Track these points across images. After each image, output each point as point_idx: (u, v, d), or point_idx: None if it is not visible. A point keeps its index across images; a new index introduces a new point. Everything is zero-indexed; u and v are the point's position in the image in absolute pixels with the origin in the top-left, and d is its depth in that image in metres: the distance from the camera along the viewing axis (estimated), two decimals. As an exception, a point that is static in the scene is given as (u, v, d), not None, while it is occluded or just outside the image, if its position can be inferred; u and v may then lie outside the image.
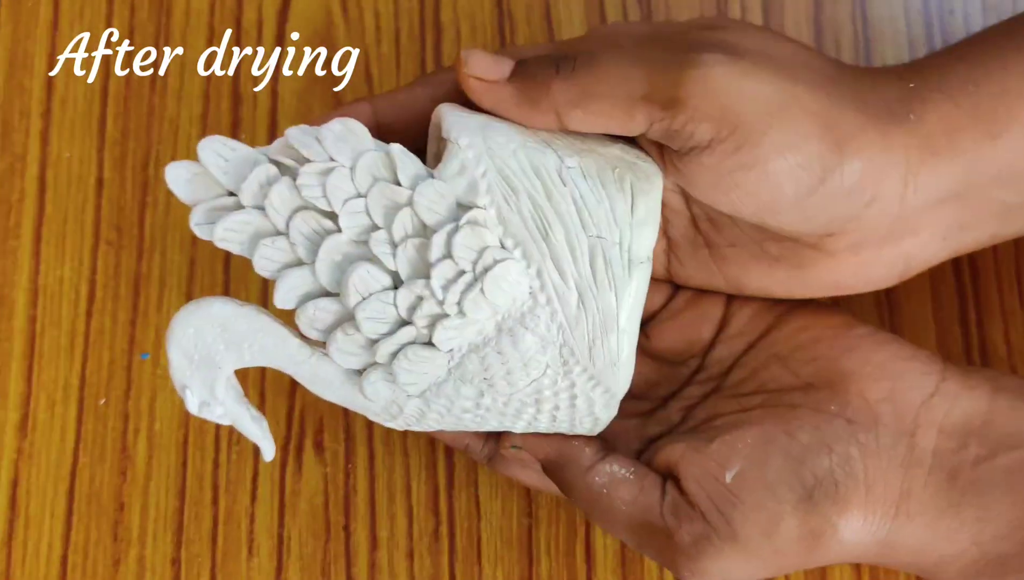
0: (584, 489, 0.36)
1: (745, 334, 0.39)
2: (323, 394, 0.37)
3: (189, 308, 0.36)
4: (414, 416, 0.37)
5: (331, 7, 0.48)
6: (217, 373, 0.36)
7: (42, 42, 0.48)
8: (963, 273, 0.44)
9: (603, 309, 0.35)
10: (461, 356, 0.35)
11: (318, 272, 0.35)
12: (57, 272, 0.45)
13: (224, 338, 0.36)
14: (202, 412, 0.37)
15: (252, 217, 0.35)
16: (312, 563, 0.42)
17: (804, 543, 0.34)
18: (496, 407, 0.36)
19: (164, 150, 0.46)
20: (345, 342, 0.35)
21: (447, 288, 0.34)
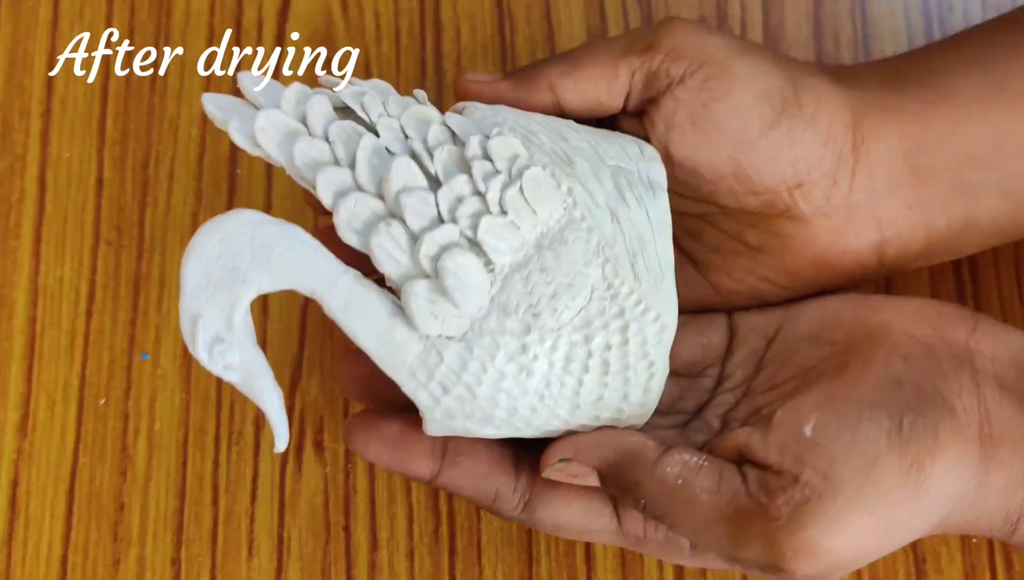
0: (657, 485, 0.34)
1: (759, 330, 0.38)
2: (355, 326, 0.33)
3: (215, 218, 0.34)
4: (453, 370, 0.34)
5: (331, 7, 0.48)
6: (240, 292, 0.33)
7: (42, 42, 0.48)
8: (962, 268, 0.44)
9: (637, 225, 0.35)
10: (503, 279, 0.34)
11: (357, 169, 0.34)
12: (57, 272, 0.45)
13: (253, 246, 0.33)
14: (212, 355, 0.33)
15: (291, 121, 0.34)
16: (312, 563, 0.42)
17: (909, 480, 0.32)
18: (543, 352, 0.34)
19: (164, 150, 0.46)
20: (386, 236, 0.33)
21: (487, 181, 0.34)
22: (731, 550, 0.34)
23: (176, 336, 0.44)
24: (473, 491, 0.36)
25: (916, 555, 0.41)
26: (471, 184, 0.34)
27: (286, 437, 0.34)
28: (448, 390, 0.34)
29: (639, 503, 0.34)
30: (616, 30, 0.47)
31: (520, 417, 0.35)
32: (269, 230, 0.34)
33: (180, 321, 0.33)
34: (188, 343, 0.33)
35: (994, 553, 0.41)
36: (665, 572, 0.42)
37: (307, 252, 0.34)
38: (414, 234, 0.33)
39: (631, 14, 0.48)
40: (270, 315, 0.45)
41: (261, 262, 0.33)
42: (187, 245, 0.34)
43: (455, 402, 0.34)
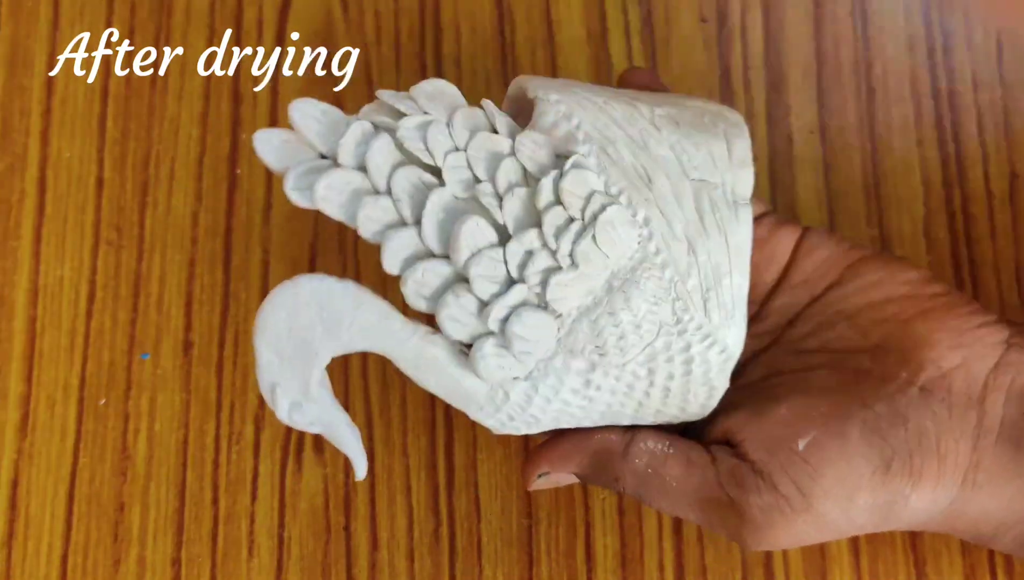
0: (630, 475, 0.35)
1: (810, 284, 0.37)
2: (426, 379, 0.34)
3: (279, 290, 0.33)
4: (519, 404, 0.34)
5: (331, 7, 0.48)
6: (313, 363, 0.33)
7: (42, 42, 0.48)
8: (962, 269, 0.44)
9: (714, 256, 0.34)
10: (571, 322, 0.34)
11: (424, 230, 0.33)
12: (57, 272, 0.45)
13: (322, 318, 0.33)
14: (293, 417, 0.34)
15: (352, 176, 0.34)
16: (312, 563, 0.42)
17: (876, 514, 0.34)
18: (607, 384, 0.34)
19: (164, 150, 0.46)
20: (455, 306, 0.33)
21: (559, 236, 0.33)
22: (703, 524, 0.35)
23: (176, 336, 0.44)
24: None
25: (916, 557, 0.41)
26: (541, 237, 0.33)
27: (364, 471, 0.36)
28: (514, 419, 0.35)
29: (624, 494, 0.36)
30: (616, 30, 0.47)
31: (584, 426, 0.36)
32: (335, 302, 0.33)
33: (260, 387, 0.34)
34: (269, 405, 0.34)
35: (994, 555, 0.41)
36: (665, 572, 0.42)
37: (376, 319, 0.34)
38: (483, 301, 0.33)
39: (631, 14, 0.47)
40: (270, 315, 0.45)
41: (331, 335, 0.33)
42: (256, 318, 0.34)
43: (522, 424, 0.35)
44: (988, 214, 0.45)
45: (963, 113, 0.46)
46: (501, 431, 0.36)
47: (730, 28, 0.47)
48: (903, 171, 0.45)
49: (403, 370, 0.34)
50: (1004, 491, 0.34)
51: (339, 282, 0.34)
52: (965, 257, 0.44)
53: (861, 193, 0.45)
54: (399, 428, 0.43)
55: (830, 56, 0.47)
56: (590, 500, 0.42)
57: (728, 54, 0.47)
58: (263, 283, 0.45)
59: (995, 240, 0.44)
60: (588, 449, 0.36)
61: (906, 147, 0.46)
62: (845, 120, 0.46)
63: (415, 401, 0.43)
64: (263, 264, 0.45)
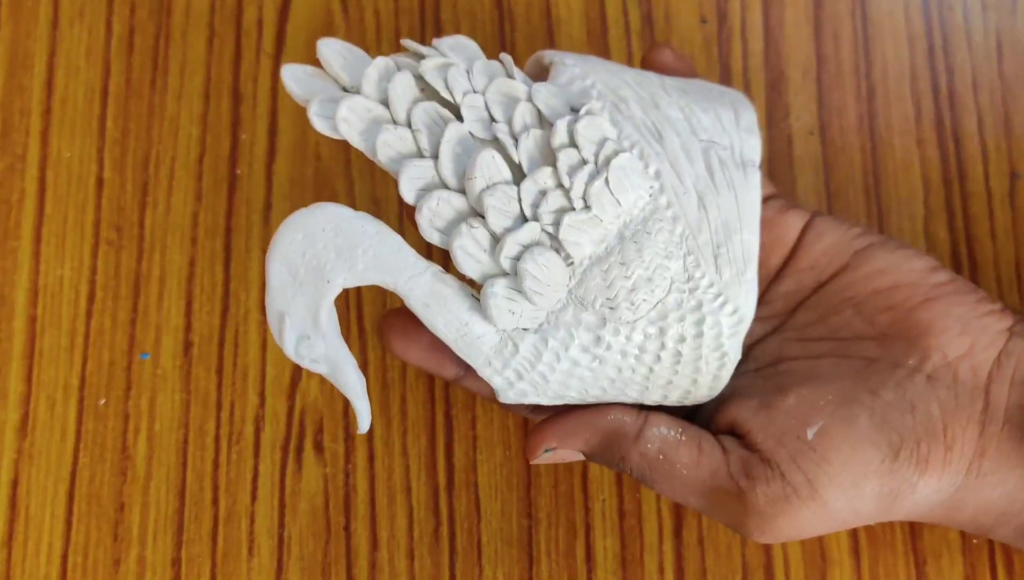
0: (640, 459, 0.35)
1: (817, 269, 0.37)
2: (435, 320, 0.34)
3: (298, 213, 0.33)
4: (528, 359, 0.34)
5: (331, 7, 0.48)
6: (325, 291, 0.33)
7: (42, 41, 0.48)
8: (962, 269, 0.44)
9: (724, 211, 0.34)
10: (583, 272, 0.34)
11: (441, 162, 0.34)
12: (57, 272, 0.45)
13: (337, 244, 0.33)
14: (299, 351, 0.33)
15: (373, 104, 0.34)
16: (312, 563, 0.42)
17: (882, 503, 0.34)
18: (617, 343, 0.34)
19: (164, 150, 0.46)
20: (468, 237, 0.33)
21: (572, 175, 0.34)
22: (704, 512, 0.36)
23: (176, 336, 0.44)
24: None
25: (916, 558, 0.41)
26: (555, 177, 0.34)
27: (368, 422, 0.35)
28: (522, 377, 0.35)
29: (627, 471, 0.36)
30: (616, 30, 0.47)
31: (591, 396, 0.36)
32: (352, 227, 0.33)
33: (267, 316, 0.34)
34: (276, 338, 0.34)
35: (995, 555, 0.41)
36: (666, 574, 0.42)
37: (390, 250, 0.34)
38: (496, 235, 0.34)
39: (631, 14, 0.47)
40: (270, 315, 0.45)
41: (345, 261, 0.33)
42: (272, 240, 0.34)
43: (529, 386, 0.35)
44: (988, 213, 0.45)
45: (963, 113, 0.46)
46: (507, 395, 0.36)
47: (730, 28, 0.47)
48: (903, 171, 0.45)
49: (413, 308, 0.34)
50: (1008, 479, 0.34)
51: (357, 212, 0.34)
52: (965, 256, 0.44)
53: (861, 193, 0.45)
54: (399, 428, 0.43)
55: (830, 56, 0.47)
56: (590, 501, 0.42)
57: (728, 54, 0.47)
58: (263, 283, 0.45)
59: (995, 239, 0.44)
60: (600, 428, 0.36)
61: (906, 146, 0.46)
62: (845, 120, 0.46)
63: (415, 401, 0.43)
64: (263, 264, 0.45)
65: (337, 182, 0.46)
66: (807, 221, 0.38)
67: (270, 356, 0.44)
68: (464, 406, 0.43)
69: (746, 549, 0.42)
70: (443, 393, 0.44)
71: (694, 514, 0.42)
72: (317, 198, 0.46)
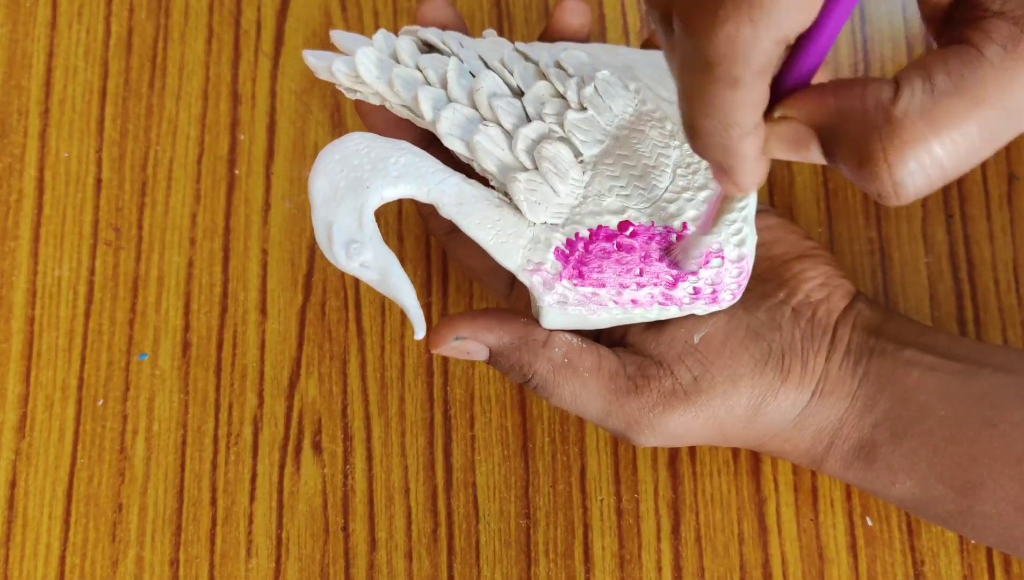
0: (546, 364, 0.38)
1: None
2: (470, 219, 0.36)
3: (332, 143, 0.37)
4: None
5: (330, 7, 0.48)
6: (365, 197, 0.36)
7: (40, 42, 0.48)
8: (960, 270, 0.44)
9: None
10: (592, 169, 0.37)
11: (449, 86, 0.38)
12: (55, 272, 0.45)
13: (371, 157, 0.36)
14: (350, 257, 0.35)
15: (385, 57, 0.38)
16: (311, 564, 0.42)
17: (751, 405, 0.38)
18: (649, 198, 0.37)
19: (163, 150, 0.46)
20: (483, 136, 0.37)
21: (565, 83, 0.38)
22: (599, 421, 0.39)
23: (174, 337, 0.44)
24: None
25: (914, 557, 0.41)
26: (551, 88, 0.38)
27: (423, 327, 0.36)
28: (559, 274, 0.37)
29: (527, 379, 0.38)
30: (615, 30, 0.47)
31: (626, 295, 0.38)
32: (382, 144, 0.36)
33: (315, 232, 0.36)
34: (324, 249, 0.36)
35: (992, 555, 0.41)
36: (663, 573, 0.42)
37: (418, 160, 0.36)
38: (508, 132, 0.37)
39: (630, 14, 0.47)
40: (269, 316, 0.45)
41: (379, 170, 0.36)
42: (313, 165, 0.36)
43: (566, 289, 0.37)
44: (986, 215, 0.45)
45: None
46: (550, 316, 0.37)
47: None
48: (901, 172, 0.45)
49: (448, 213, 0.36)
50: (839, 404, 0.39)
51: (387, 137, 0.37)
52: (963, 257, 0.44)
53: (859, 193, 0.45)
54: (397, 429, 0.43)
55: (830, 56, 0.47)
56: (588, 501, 0.42)
57: (726, 55, 0.47)
58: (262, 284, 0.45)
59: (993, 241, 0.44)
60: (513, 328, 0.38)
61: (904, 148, 0.46)
62: (843, 121, 0.46)
63: (413, 402, 0.44)
64: (262, 265, 0.45)
65: (335, 183, 0.46)
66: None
67: (269, 357, 0.44)
68: (463, 406, 0.43)
69: (744, 548, 0.42)
70: (442, 393, 0.44)
71: (692, 512, 0.42)
72: (315, 199, 0.46)
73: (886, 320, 0.40)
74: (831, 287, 0.40)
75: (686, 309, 0.38)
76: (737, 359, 0.38)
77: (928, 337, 0.40)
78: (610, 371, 0.38)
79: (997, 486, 0.37)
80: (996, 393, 0.38)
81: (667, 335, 0.39)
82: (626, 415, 0.38)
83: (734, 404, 0.38)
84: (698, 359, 0.38)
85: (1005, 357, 0.39)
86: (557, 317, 0.38)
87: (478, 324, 0.38)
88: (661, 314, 0.38)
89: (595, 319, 0.38)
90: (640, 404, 0.38)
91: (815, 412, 0.39)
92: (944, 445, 0.37)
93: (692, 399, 0.38)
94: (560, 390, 0.38)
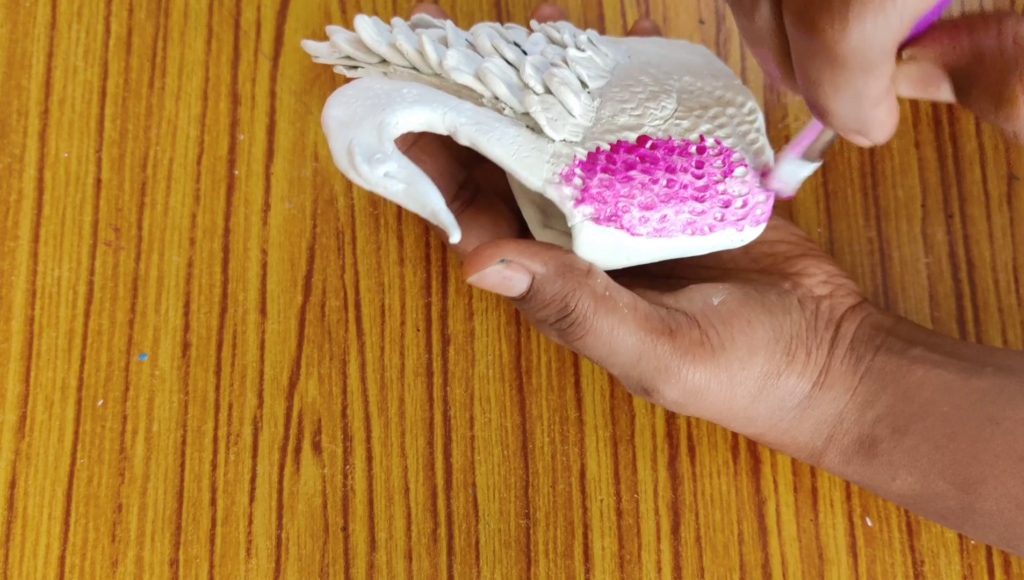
0: (588, 292, 0.37)
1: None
2: (489, 136, 0.36)
3: (342, 86, 0.37)
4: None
5: (330, 7, 0.48)
6: (384, 116, 0.35)
7: (40, 42, 0.48)
8: (960, 270, 0.44)
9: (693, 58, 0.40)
10: (600, 95, 0.38)
11: (449, 39, 0.38)
12: (55, 273, 0.45)
13: (385, 88, 0.36)
14: (373, 167, 0.34)
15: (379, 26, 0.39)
16: (310, 564, 0.42)
17: (758, 382, 0.38)
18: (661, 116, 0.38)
19: (162, 150, 0.46)
20: (492, 64, 0.37)
21: (560, 33, 0.39)
22: (628, 367, 0.38)
23: (174, 337, 0.44)
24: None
25: (914, 557, 0.41)
26: (547, 39, 0.39)
27: (457, 229, 0.35)
28: (587, 186, 0.37)
29: (566, 313, 0.37)
30: (614, 31, 0.47)
31: (656, 212, 0.37)
32: (393, 81, 0.37)
33: (334, 155, 0.35)
34: (345, 168, 0.35)
35: (992, 555, 0.41)
36: (663, 573, 0.42)
37: (428, 89, 0.37)
38: (514, 63, 0.37)
39: (629, 15, 0.48)
40: (268, 316, 0.45)
41: (395, 97, 0.36)
42: (323, 109, 0.36)
43: (595, 202, 0.37)
44: (986, 215, 0.45)
45: (961, 114, 0.46)
46: (583, 238, 0.37)
47: (728, 29, 0.47)
48: (901, 173, 0.46)
49: (464, 134, 0.36)
50: (840, 398, 0.39)
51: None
52: (963, 258, 0.44)
53: (859, 194, 0.45)
54: (397, 429, 0.43)
55: None
56: (588, 501, 0.42)
57: (726, 56, 0.47)
58: (261, 284, 0.45)
59: (993, 241, 0.45)
60: (556, 255, 0.37)
61: (904, 148, 0.46)
62: (843, 121, 0.46)
63: (413, 402, 0.44)
64: (261, 265, 0.45)
65: (336, 183, 0.46)
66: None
67: (268, 357, 0.44)
68: (462, 407, 0.43)
69: (744, 548, 0.42)
70: (442, 394, 0.44)
71: (692, 513, 0.42)
72: (316, 199, 0.46)
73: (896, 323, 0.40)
74: (834, 285, 0.41)
75: (719, 230, 0.38)
76: (754, 330, 0.38)
77: (935, 338, 0.40)
78: (645, 311, 0.37)
79: (998, 483, 0.37)
80: (999, 391, 0.37)
81: (686, 295, 0.39)
82: (657, 358, 0.37)
83: (748, 375, 0.38)
84: (721, 318, 0.38)
85: (1010, 358, 0.39)
86: (590, 238, 0.37)
87: (523, 248, 0.37)
88: (696, 240, 0.38)
89: (630, 245, 0.37)
90: (673, 348, 0.37)
91: (815, 404, 0.39)
92: (946, 441, 0.37)
93: (718, 355, 0.38)
94: (598, 325, 0.37)
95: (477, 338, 0.44)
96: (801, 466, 0.43)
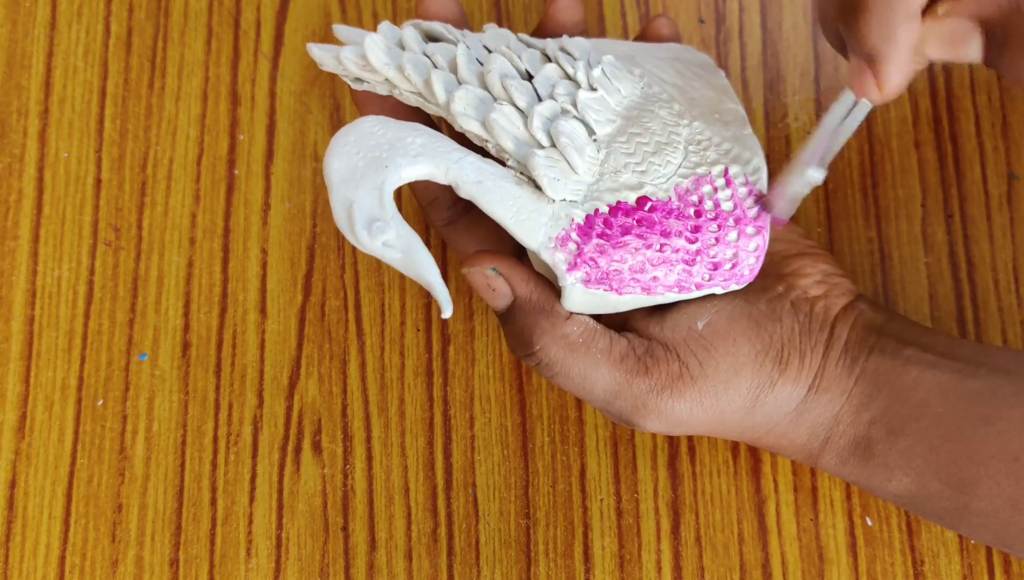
0: (561, 339, 0.38)
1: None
2: (490, 199, 0.36)
3: (345, 127, 0.36)
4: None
5: (330, 7, 0.48)
6: (385, 175, 0.35)
7: (40, 42, 0.48)
8: (960, 270, 0.44)
9: (704, 91, 0.40)
10: (606, 148, 0.38)
11: (460, 70, 0.38)
12: (55, 272, 0.45)
13: (388, 137, 0.36)
14: (372, 236, 0.34)
15: (392, 44, 0.39)
16: (310, 564, 0.42)
17: (750, 395, 0.39)
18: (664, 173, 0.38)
19: (162, 150, 0.46)
20: (499, 113, 0.37)
21: (574, 66, 0.38)
22: (605, 403, 0.39)
23: (174, 337, 0.44)
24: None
25: (914, 557, 0.41)
26: (560, 70, 0.38)
27: (450, 304, 0.35)
28: (580, 252, 0.37)
29: (531, 352, 0.38)
30: (614, 31, 0.47)
31: (647, 273, 0.38)
32: (397, 126, 0.36)
33: (334, 213, 0.35)
34: (345, 230, 0.35)
35: (992, 555, 0.41)
36: (663, 573, 0.42)
37: (435, 140, 0.36)
38: (522, 111, 0.37)
39: (629, 15, 0.47)
40: (268, 316, 0.45)
41: (397, 149, 0.35)
42: (328, 148, 0.36)
43: (587, 266, 0.37)
44: (986, 215, 0.45)
45: (961, 114, 0.46)
46: (573, 296, 0.37)
47: (728, 29, 0.47)
48: (901, 172, 0.46)
49: (466, 190, 0.36)
50: (836, 401, 0.39)
51: (400, 120, 0.37)
52: (963, 258, 0.44)
53: (859, 194, 0.45)
54: (397, 429, 0.43)
55: (828, 57, 0.47)
56: (588, 501, 0.42)
57: (726, 55, 0.47)
58: (261, 284, 0.45)
59: (993, 241, 0.45)
60: (544, 291, 0.38)
61: (904, 148, 0.46)
62: (843, 121, 0.46)
63: (413, 402, 0.44)
64: (261, 265, 0.45)
65: (335, 183, 0.46)
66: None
67: (268, 357, 0.44)
68: (462, 407, 0.43)
69: (744, 547, 0.42)
70: (442, 394, 0.44)
71: (692, 512, 0.42)
72: (315, 199, 0.46)
73: (889, 320, 0.40)
74: (829, 285, 0.41)
75: (705, 288, 0.38)
76: (739, 348, 0.39)
77: (929, 337, 0.40)
78: (621, 352, 0.38)
79: (993, 483, 0.37)
80: (993, 392, 0.38)
81: (671, 321, 0.39)
82: (634, 396, 0.38)
83: (735, 394, 0.39)
84: (702, 345, 0.39)
85: (1004, 358, 0.39)
86: (579, 297, 0.37)
87: (516, 270, 0.38)
88: (681, 295, 0.38)
89: (616, 300, 0.38)
90: (649, 386, 0.38)
91: (811, 407, 0.39)
92: (940, 442, 0.38)
93: (698, 384, 0.38)
94: (569, 369, 0.38)
95: (477, 338, 0.44)
96: (801, 466, 0.43)
